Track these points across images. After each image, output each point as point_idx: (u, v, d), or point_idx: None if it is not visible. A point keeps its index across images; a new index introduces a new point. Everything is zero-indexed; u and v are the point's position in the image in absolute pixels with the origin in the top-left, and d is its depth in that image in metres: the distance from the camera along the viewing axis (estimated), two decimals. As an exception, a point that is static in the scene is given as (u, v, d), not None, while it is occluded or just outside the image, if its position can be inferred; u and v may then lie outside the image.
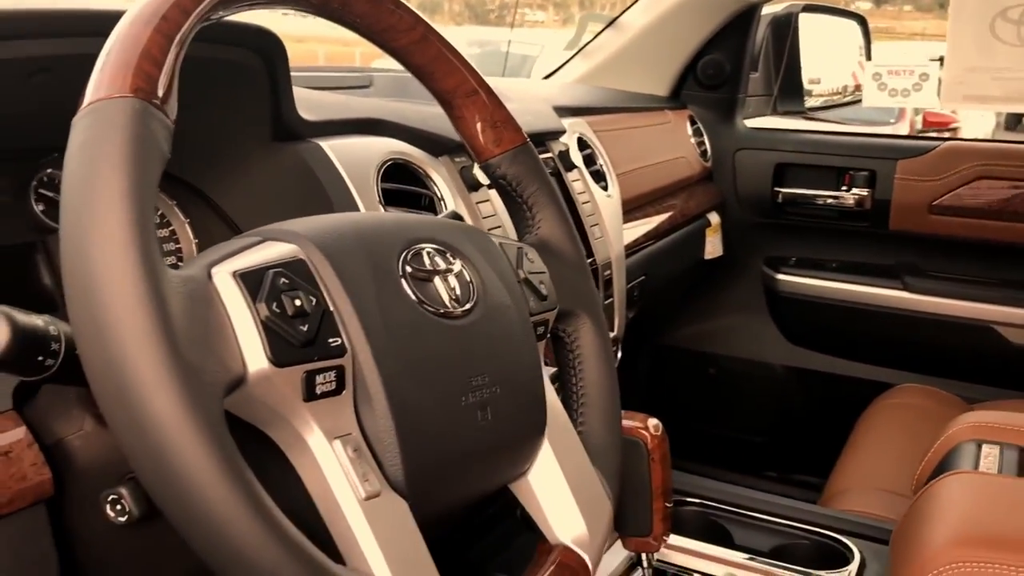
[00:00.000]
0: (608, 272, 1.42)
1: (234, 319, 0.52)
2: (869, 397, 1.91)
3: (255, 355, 0.52)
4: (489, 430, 0.66)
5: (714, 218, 2.14)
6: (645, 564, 1.13)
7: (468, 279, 0.69)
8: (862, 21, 2.54)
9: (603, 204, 1.46)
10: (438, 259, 0.67)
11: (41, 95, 0.75)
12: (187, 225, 0.93)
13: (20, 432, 0.66)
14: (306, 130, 0.99)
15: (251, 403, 0.53)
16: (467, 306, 0.67)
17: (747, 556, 1.21)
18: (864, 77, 2.16)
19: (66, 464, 0.68)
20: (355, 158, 1.01)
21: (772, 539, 1.29)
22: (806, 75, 2.51)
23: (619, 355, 1.39)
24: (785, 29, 2.38)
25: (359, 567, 0.54)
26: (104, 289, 0.46)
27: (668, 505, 1.07)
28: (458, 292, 0.67)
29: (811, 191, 2.16)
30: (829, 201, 2.15)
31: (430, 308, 0.64)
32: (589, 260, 1.38)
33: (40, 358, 0.53)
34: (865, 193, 2.09)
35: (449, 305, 0.66)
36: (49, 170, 0.87)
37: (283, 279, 0.55)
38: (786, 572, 1.17)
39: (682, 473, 1.45)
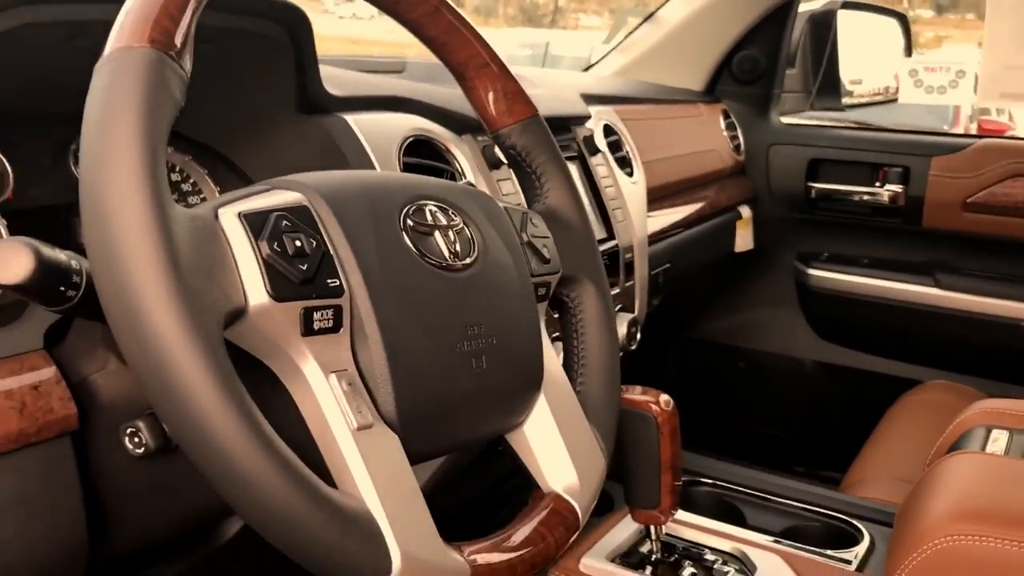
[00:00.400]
0: (630, 255, 1.45)
1: (237, 255, 0.57)
2: (897, 393, 1.91)
3: (256, 289, 0.57)
4: (483, 378, 0.69)
5: (745, 211, 2.15)
6: (654, 537, 1.16)
7: (469, 236, 0.72)
8: (903, 19, 2.53)
9: (627, 189, 1.48)
10: (440, 216, 0.71)
11: (78, 59, 0.80)
12: (208, 178, 0.98)
13: (50, 370, 0.71)
14: (332, 104, 1.03)
15: (252, 334, 0.58)
16: (466, 260, 0.71)
17: (757, 534, 1.23)
18: (901, 73, 2.16)
19: (90, 400, 0.73)
20: (379, 132, 1.05)
21: (784, 520, 1.31)
22: (847, 75, 2.51)
23: (638, 337, 1.41)
24: (824, 26, 2.38)
25: (349, 492, 0.58)
26: (114, 216, 0.50)
27: (677, 481, 1.10)
28: (458, 247, 0.71)
29: (844, 187, 2.17)
30: (862, 197, 2.15)
31: (429, 260, 0.68)
32: (612, 243, 1.42)
33: (62, 288, 0.58)
34: (899, 190, 2.09)
35: (448, 258, 0.69)
36: None
37: (285, 222, 0.60)
38: (795, 550, 1.19)
39: (698, 456, 1.47)
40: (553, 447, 0.76)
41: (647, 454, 1.09)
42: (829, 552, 1.20)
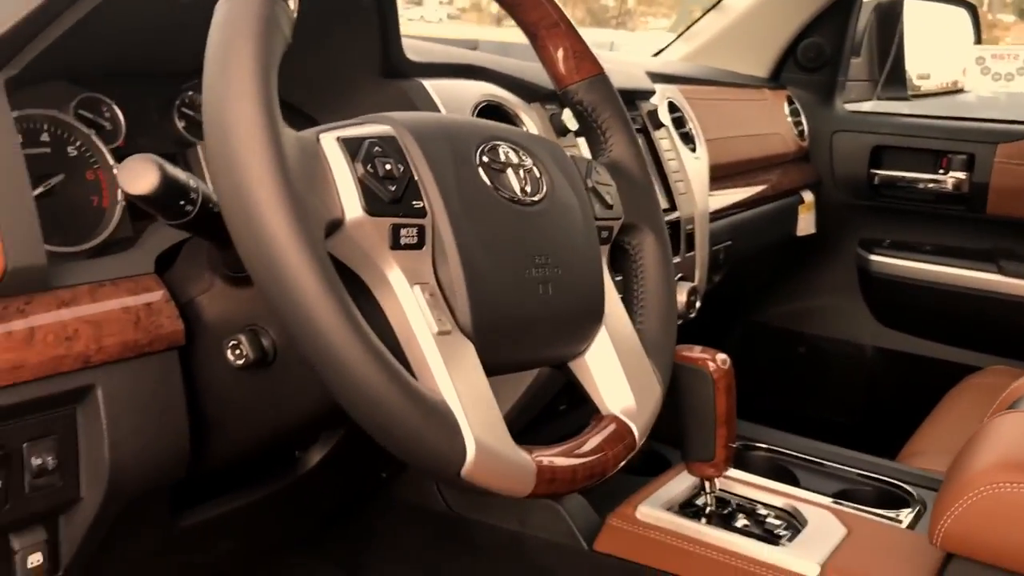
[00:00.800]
0: (691, 227, 1.50)
1: (335, 172, 0.64)
2: (957, 379, 1.92)
3: (352, 204, 0.64)
4: (549, 303, 0.75)
5: (808, 196, 2.18)
6: (708, 490, 1.21)
7: (538, 176, 0.79)
8: (972, 9, 2.52)
9: (689, 164, 1.53)
10: (512, 155, 0.77)
11: (188, 21, 0.89)
12: None
13: (160, 292, 0.80)
14: (411, 69, 1.10)
15: (347, 245, 0.65)
16: (536, 197, 0.77)
17: (809, 493, 1.27)
18: (968, 61, 2.16)
19: (196, 319, 0.81)
20: (453, 97, 1.12)
21: (837, 484, 1.34)
22: (915, 70, 2.52)
23: (697, 305, 1.45)
24: (890, 16, 2.39)
25: (430, 387, 0.65)
26: (233, 131, 0.58)
27: (732, 438, 1.15)
28: (528, 185, 0.77)
29: (908, 174, 2.18)
30: (926, 184, 2.16)
31: (502, 193, 0.74)
32: (674, 215, 1.47)
33: (182, 203, 0.66)
34: (963, 177, 2.10)
35: (519, 193, 0.76)
36: (190, 92, 1.01)
37: (377, 147, 0.67)
38: (845, 509, 1.22)
39: (754, 424, 1.51)
40: (613, 375, 0.82)
41: (703, 409, 1.15)
42: (880, 511, 1.23)
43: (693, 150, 1.59)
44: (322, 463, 1.06)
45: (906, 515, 1.23)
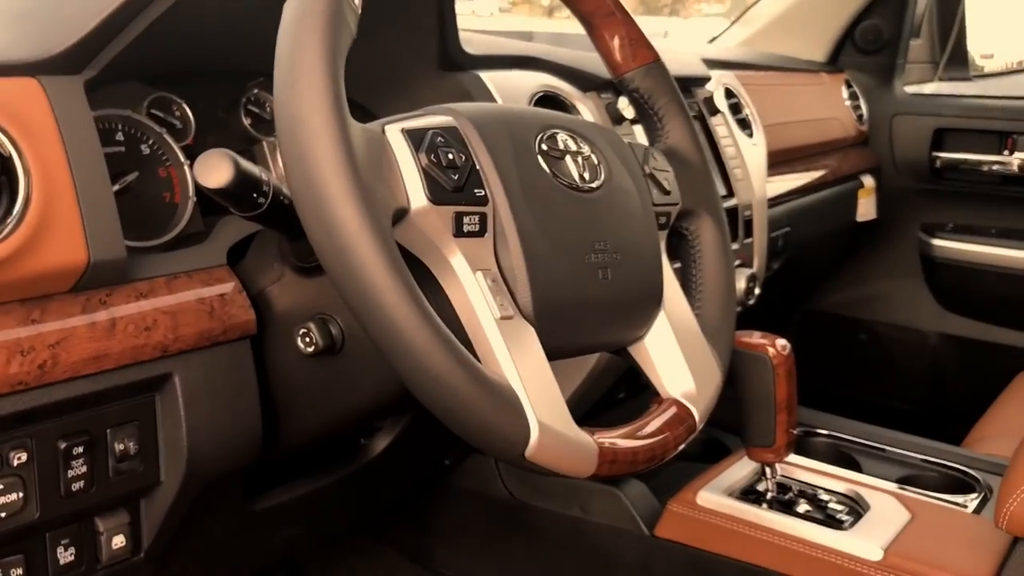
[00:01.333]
0: (748, 213, 1.50)
1: (400, 163, 0.66)
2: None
3: (417, 193, 0.66)
4: (609, 288, 0.77)
5: (868, 181, 2.15)
6: (769, 476, 1.21)
7: (596, 163, 0.80)
8: (1037, -14, 2.46)
9: (747, 150, 1.53)
10: (570, 143, 0.79)
11: (253, 19, 0.92)
12: None
13: (232, 283, 0.83)
14: (468, 62, 1.12)
15: (413, 233, 0.67)
16: (594, 184, 0.78)
17: (872, 478, 1.26)
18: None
19: (267, 308, 0.84)
20: (511, 88, 1.14)
21: (900, 470, 1.33)
22: (977, 49, 2.46)
23: (756, 292, 1.45)
24: (951, -5, 2.35)
25: (494, 370, 0.66)
26: (304, 123, 0.60)
27: (793, 423, 1.15)
28: (587, 172, 0.78)
29: (971, 156, 2.14)
30: (990, 167, 2.12)
31: (561, 180, 0.76)
32: (731, 201, 1.47)
33: (254, 195, 0.69)
34: (1030, 158, 2.06)
35: (578, 180, 0.77)
36: (256, 90, 1.04)
37: (440, 138, 0.69)
38: (909, 494, 1.21)
39: (816, 411, 1.50)
40: (672, 359, 0.83)
41: (763, 394, 1.15)
42: (945, 496, 1.22)
43: (750, 136, 1.58)
44: (387, 450, 1.09)
45: (972, 500, 1.21)
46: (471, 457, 1.33)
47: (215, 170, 0.66)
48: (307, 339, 0.79)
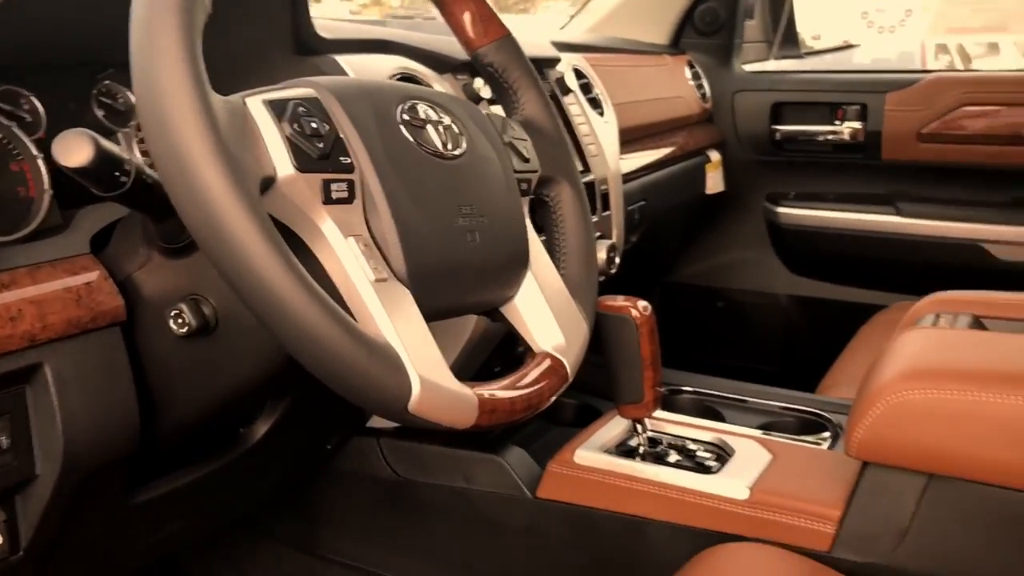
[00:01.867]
0: (604, 187, 1.56)
1: (264, 132, 0.67)
2: (867, 318, 2.02)
3: (283, 162, 0.67)
4: (478, 250, 0.80)
5: (714, 155, 2.27)
6: (640, 431, 1.27)
7: (457, 132, 0.83)
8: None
9: (599, 127, 1.59)
10: (431, 113, 0.82)
11: (101, 10, 0.90)
12: None
13: (97, 272, 0.82)
14: (324, 46, 1.13)
15: (281, 201, 0.68)
16: (457, 152, 0.81)
17: (735, 427, 1.34)
18: (853, 14, 2.28)
19: (136, 294, 0.83)
20: (367, 70, 1.15)
21: (760, 418, 1.42)
22: (807, 31, 2.63)
23: (616, 262, 1.51)
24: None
25: (373, 330, 0.69)
26: (165, 97, 0.61)
27: (659, 381, 1.21)
28: (448, 140, 0.81)
29: (807, 127, 2.29)
30: (825, 136, 2.27)
31: (425, 148, 0.79)
32: (588, 177, 1.52)
33: (116, 174, 0.69)
34: (858, 126, 2.21)
35: (441, 147, 0.80)
36: (107, 82, 1.02)
37: (302, 108, 0.70)
38: (770, 438, 1.30)
39: (681, 372, 1.58)
40: (542, 316, 0.87)
41: (629, 353, 1.20)
42: (801, 437, 1.31)
43: (601, 114, 1.65)
44: (267, 436, 1.09)
45: (826, 438, 1.31)
46: (353, 439, 1.34)
47: (75, 149, 0.66)
48: (179, 320, 0.79)
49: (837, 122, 2.24)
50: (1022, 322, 1.26)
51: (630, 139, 1.80)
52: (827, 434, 1.33)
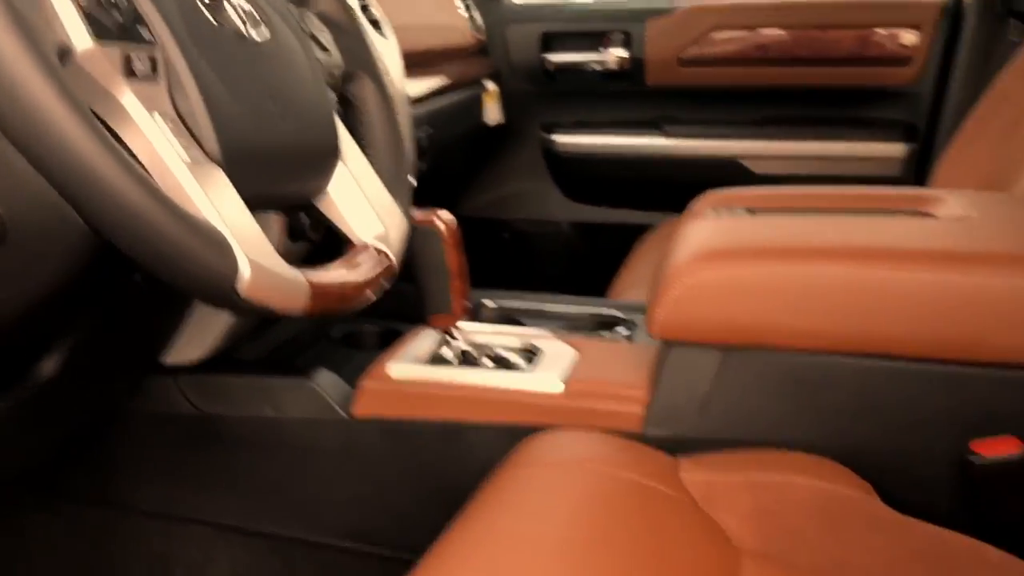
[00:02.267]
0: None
1: (56, 5, 0.61)
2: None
3: (79, 34, 0.62)
4: (291, 135, 0.77)
5: (491, 86, 2.29)
6: (451, 340, 1.28)
7: (258, 17, 0.79)
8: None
9: (383, 47, 1.56)
10: None
11: None
12: None
13: None
14: None
15: (80, 76, 0.62)
16: (259, 38, 0.78)
17: (540, 330, 1.38)
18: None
19: None
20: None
21: (560, 323, 1.47)
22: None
23: (414, 184, 1.51)
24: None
25: (193, 211, 0.64)
26: None
27: (466, 291, 1.23)
28: (249, 23, 0.77)
29: (576, 56, 2.36)
30: (592, 65, 2.35)
31: (226, 28, 0.74)
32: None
33: None
34: (623, 54, 2.31)
35: (242, 28, 0.76)
36: None
37: None
38: (574, 337, 1.35)
39: (481, 290, 1.60)
40: (359, 207, 0.85)
41: (436, 264, 1.21)
42: (603, 333, 1.37)
43: (384, 36, 1.62)
44: (56, 376, 1.01)
45: (622, 333, 1.38)
46: (148, 380, 1.26)
47: None
48: None
49: (603, 49, 2.33)
50: (787, 211, 1.37)
51: (409, 64, 1.78)
52: (624, 328, 1.39)
